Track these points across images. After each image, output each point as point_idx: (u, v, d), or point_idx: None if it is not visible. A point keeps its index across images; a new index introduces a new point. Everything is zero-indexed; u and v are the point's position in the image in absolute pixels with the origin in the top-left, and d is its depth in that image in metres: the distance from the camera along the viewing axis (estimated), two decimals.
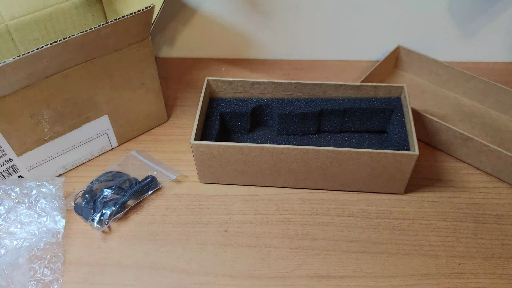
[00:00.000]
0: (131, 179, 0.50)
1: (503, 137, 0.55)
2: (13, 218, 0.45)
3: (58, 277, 0.42)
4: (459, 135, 0.50)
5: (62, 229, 0.45)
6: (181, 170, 0.52)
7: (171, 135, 0.57)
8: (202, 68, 0.68)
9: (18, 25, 0.53)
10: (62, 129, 0.49)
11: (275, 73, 0.67)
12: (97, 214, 0.46)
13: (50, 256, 0.44)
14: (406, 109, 0.50)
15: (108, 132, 0.53)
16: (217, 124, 0.51)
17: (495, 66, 0.66)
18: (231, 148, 0.46)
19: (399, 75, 0.65)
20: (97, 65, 0.47)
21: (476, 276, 0.42)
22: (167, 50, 0.71)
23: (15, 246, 0.43)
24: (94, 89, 0.48)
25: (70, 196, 0.49)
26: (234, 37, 0.68)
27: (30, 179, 0.48)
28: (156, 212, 0.48)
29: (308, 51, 0.69)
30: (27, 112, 0.45)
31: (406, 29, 0.64)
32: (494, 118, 0.58)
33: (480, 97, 0.59)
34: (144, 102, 0.54)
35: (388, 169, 0.46)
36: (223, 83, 0.53)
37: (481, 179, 0.51)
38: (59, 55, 0.42)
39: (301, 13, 0.64)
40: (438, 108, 0.60)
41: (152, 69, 0.52)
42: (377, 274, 0.42)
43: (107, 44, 0.45)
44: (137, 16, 0.44)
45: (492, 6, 0.61)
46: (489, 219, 0.47)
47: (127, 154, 0.54)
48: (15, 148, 0.46)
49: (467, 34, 0.64)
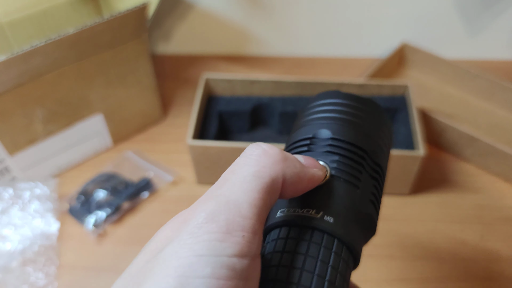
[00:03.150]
0: (127, 180, 0.49)
1: (509, 137, 0.54)
2: (6, 221, 0.45)
3: (52, 280, 0.42)
4: (465, 135, 0.49)
5: (57, 231, 0.45)
6: (178, 171, 0.51)
7: (167, 135, 0.56)
8: (200, 65, 0.67)
9: (12, 22, 0.52)
10: (56, 128, 0.48)
11: (276, 70, 0.66)
12: (92, 217, 0.45)
13: (44, 259, 0.43)
14: (411, 108, 0.49)
15: (103, 132, 0.52)
16: (215, 123, 0.50)
17: (502, 64, 0.65)
18: (230, 148, 0.44)
19: (403, 73, 0.64)
20: (92, 62, 0.46)
21: (482, 279, 0.41)
22: (164, 47, 0.70)
23: (8, 249, 0.43)
24: (88, 88, 0.47)
25: (65, 198, 0.48)
26: (233, 33, 0.66)
27: (23, 180, 0.48)
28: (152, 214, 0.47)
29: (310, 47, 0.68)
30: (20, 111, 0.44)
31: (410, 26, 0.63)
32: (500, 117, 0.57)
33: (486, 95, 0.58)
34: (140, 101, 0.53)
35: (393, 169, 0.45)
36: (221, 81, 0.52)
37: (487, 180, 0.50)
38: (53, 53, 0.41)
39: (303, 8, 0.62)
40: (443, 107, 0.59)
41: (148, 66, 0.51)
42: (381, 278, 0.41)
43: (102, 41, 0.45)
44: (132, 12, 0.44)
45: (499, 3, 0.60)
46: (495, 221, 0.46)
47: (123, 154, 0.53)
48: (8, 148, 0.45)
49: (473, 31, 0.63)
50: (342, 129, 0.21)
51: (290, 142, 0.22)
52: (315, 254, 0.17)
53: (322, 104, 0.22)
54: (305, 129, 0.22)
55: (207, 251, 0.14)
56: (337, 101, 0.22)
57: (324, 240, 0.17)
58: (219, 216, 0.14)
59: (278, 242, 0.18)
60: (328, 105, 0.22)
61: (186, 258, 0.14)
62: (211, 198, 0.15)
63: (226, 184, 0.15)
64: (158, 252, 0.15)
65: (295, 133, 0.23)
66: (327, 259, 0.17)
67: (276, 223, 0.19)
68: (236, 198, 0.15)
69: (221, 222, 0.14)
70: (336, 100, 0.22)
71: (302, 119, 0.23)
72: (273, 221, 0.19)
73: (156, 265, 0.14)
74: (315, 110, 0.22)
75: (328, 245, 0.17)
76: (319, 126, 0.21)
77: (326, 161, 0.20)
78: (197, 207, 0.15)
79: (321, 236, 0.18)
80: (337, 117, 0.21)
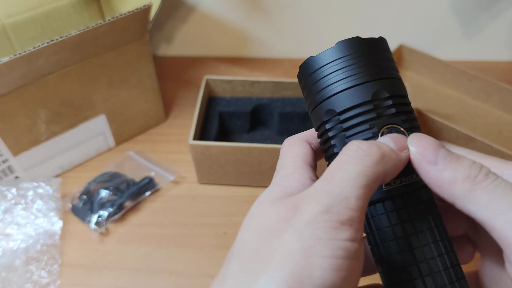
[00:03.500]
0: (129, 180, 0.49)
1: (506, 137, 0.55)
2: (9, 220, 0.45)
3: (55, 279, 0.42)
4: (462, 135, 0.50)
5: (59, 230, 0.45)
6: (179, 170, 0.51)
7: (169, 135, 0.57)
8: (201, 66, 0.68)
9: (14, 24, 0.52)
10: (59, 129, 0.48)
11: (275, 71, 0.66)
12: (94, 216, 0.45)
13: (47, 258, 0.43)
14: None
15: (106, 132, 0.53)
16: (216, 124, 0.51)
17: (498, 65, 0.66)
18: (230, 148, 0.45)
19: (401, 74, 0.65)
20: (94, 64, 0.46)
21: None
22: (165, 48, 0.70)
23: (11, 248, 0.43)
24: (91, 89, 0.48)
25: (67, 197, 0.48)
26: (233, 35, 0.67)
27: (26, 180, 0.48)
28: (154, 213, 0.48)
29: (309, 49, 0.68)
30: (23, 112, 0.44)
31: (408, 27, 0.64)
32: (497, 118, 0.57)
33: (483, 96, 0.59)
34: (142, 102, 0.54)
35: None
36: (222, 82, 0.53)
37: None
38: (56, 54, 0.42)
39: (302, 10, 0.63)
40: (440, 107, 0.59)
41: (150, 68, 0.52)
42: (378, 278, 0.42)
43: (104, 42, 0.45)
44: (134, 14, 0.44)
45: (495, 5, 0.60)
46: None
47: (125, 154, 0.53)
48: (11, 148, 0.45)
49: (470, 32, 0.64)
50: (391, 84, 0.20)
51: (344, 108, 0.20)
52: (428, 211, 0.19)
53: (353, 56, 0.21)
54: (354, 90, 0.20)
55: (326, 236, 0.17)
56: (363, 49, 0.21)
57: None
58: (332, 208, 0.17)
59: (391, 215, 0.20)
60: (362, 55, 0.21)
61: (308, 241, 0.17)
62: (323, 192, 0.18)
63: (334, 180, 0.18)
64: (277, 234, 0.18)
65: (340, 96, 0.20)
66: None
67: (379, 199, 0.20)
68: (345, 194, 0.17)
69: (334, 213, 0.17)
70: (362, 49, 0.21)
71: (329, 82, 0.20)
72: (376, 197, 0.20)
73: (280, 246, 0.17)
74: (346, 66, 0.21)
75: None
76: (371, 86, 0.20)
77: (402, 126, 0.20)
78: (311, 200, 0.18)
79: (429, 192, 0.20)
80: (379, 68, 0.20)
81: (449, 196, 0.18)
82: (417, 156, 0.19)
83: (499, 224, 0.17)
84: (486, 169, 0.18)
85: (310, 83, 0.22)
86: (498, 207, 0.17)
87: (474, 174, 0.18)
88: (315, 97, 0.21)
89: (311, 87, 0.22)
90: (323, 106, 0.21)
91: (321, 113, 0.21)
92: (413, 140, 0.19)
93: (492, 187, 0.18)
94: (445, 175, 0.18)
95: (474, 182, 0.18)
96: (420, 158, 0.19)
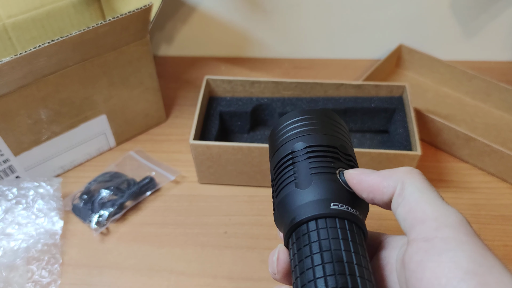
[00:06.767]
0: (129, 179, 0.49)
1: (505, 137, 0.55)
2: (10, 219, 0.45)
3: (56, 278, 0.42)
4: (462, 135, 0.50)
5: (60, 230, 0.45)
6: (180, 170, 0.52)
7: (169, 135, 0.57)
8: (201, 66, 0.68)
9: (15, 24, 0.52)
10: (60, 128, 0.48)
11: (275, 71, 0.67)
12: (95, 215, 0.45)
13: (48, 257, 0.43)
14: (408, 109, 0.50)
15: (106, 132, 0.53)
16: (216, 124, 0.51)
17: (498, 65, 0.66)
18: (230, 148, 0.45)
19: (400, 74, 0.65)
20: (95, 64, 0.46)
21: None
22: (166, 48, 0.70)
23: (12, 248, 0.43)
24: (91, 89, 0.48)
25: (68, 197, 0.49)
26: (233, 35, 0.67)
27: (27, 179, 0.48)
28: (155, 213, 0.48)
29: (309, 49, 0.68)
30: (24, 111, 0.44)
31: (408, 28, 0.64)
32: (496, 118, 0.57)
33: (482, 96, 0.59)
34: (143, 102, 0.54)
35: None
36: (222, 82, 0.53)
37: (483, 180, 0.50)
38: (57, 54, 0.42)
39: (302, 11, 0.63)
40: (440, 107, 0.59)
41: (150, 68, 0.52)
42: None
43: (105, 42, 0.45)
44: (135, 14, 0.44)
45: (495, 5, 0.60)
46: (491, 220, 0.46)
47: (125, 154, 0.53)
48: (12, 148, 0.45)
49: (469, 32, 0.64)
50: (311, 138, 0.25)
51: (275, 162, 0.26)
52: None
53: (287, 125, 0.26)
54: (282, 148, 0.26)
55: None
56: (297, 119, 0.26)
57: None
58: None
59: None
60: (292, 124, 0.26)
61: None
62: None
63: None
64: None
65: (276, 154, 0.26)
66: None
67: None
68: None
69: None
70: (296, 119, 0.26)
71: (276, 143, 0.27)
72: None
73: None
74: (283, 132, 0.26)
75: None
76: (292, 142, 0.25)
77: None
78: None
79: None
80: (303, 130, 0.26)
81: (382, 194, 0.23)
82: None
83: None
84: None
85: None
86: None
87: None
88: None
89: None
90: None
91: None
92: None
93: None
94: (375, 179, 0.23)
95: None
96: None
